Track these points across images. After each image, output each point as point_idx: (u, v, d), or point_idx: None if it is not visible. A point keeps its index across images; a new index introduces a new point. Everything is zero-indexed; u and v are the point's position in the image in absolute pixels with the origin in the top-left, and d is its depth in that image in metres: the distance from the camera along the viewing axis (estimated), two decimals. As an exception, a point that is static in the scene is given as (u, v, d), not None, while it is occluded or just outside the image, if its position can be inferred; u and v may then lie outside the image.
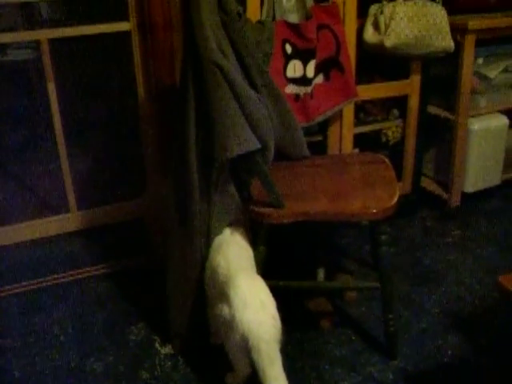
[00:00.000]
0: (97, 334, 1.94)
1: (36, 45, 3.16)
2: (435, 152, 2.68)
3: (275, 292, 1.78)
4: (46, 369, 1.79)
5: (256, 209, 1.63)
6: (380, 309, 1.81)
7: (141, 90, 2.46)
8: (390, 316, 1.73)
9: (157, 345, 1.88)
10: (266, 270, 1.73)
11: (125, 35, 2.41)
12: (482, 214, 2.64)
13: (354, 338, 1.88)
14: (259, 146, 1.54)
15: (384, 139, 2.48)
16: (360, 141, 2.39)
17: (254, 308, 1.49)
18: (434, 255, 2.34)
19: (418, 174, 2.55)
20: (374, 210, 1.60)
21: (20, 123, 3.28)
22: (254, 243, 1.71)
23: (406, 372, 1.73)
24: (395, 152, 2.48)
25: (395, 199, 1.64)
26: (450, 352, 1.81)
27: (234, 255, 1.64)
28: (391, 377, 1.71)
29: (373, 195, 1.68)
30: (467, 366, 1.76)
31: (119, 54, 2.66)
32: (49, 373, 1.77)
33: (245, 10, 1.94)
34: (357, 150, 2.41)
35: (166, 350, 1.85)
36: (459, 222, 2.58)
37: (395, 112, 2.46)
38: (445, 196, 2.60)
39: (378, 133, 2.48)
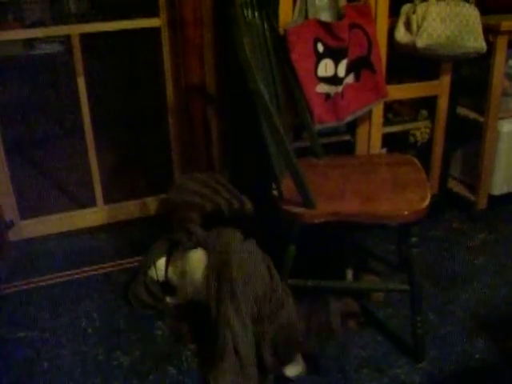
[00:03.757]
0: (123, 329, 1.95)
1: (64, 39, 3.20)
2: (463, 153, 2.65)
3: (303, 291, 1.79)
4: (74, 361, 1.81)
5: (288, 208, 1.64)
6: (407, 310, 1.81)
7: (169, 86, 2.47)
8: (419, 318, 1.72)
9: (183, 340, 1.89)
10: (295, 268, 1.74)
11: (154, 31, 2.42)
12: (509, 217, 2.62)
13: (380, 339, 1.88)
14: None
15: (412, 140, 2.47)
16: (387, 141, 2.38)
17: None
18: (459, 257, 2.33)
19: (445, 175, 2.54)
20: (406, 213, 1.59)
21: (48, 117, 3.32)
22: (285, 242, 1.71)
23: (433, 376, 1.72)
24: (422, 153, 2.46)
25: (427, 202, 1.63)
26: (476, 356, 1.80)
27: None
28: (418, 380, 1.71)
29: (404, 197, 1.67)
30: (494, 370, 1.75)
31: (148, 50, 2.67)
32: (77, 365, 1.79)
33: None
34: (384, 150, 2.40)
35: (193, 345, 1.86)
36: (485, 225, 2.56)
37: (424, 113, 2.45)
38: (471, 198, 2.58)
39: (405, 133, 2.47)
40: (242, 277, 1.72)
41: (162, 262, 2.02)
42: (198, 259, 1.91)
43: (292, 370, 1.70)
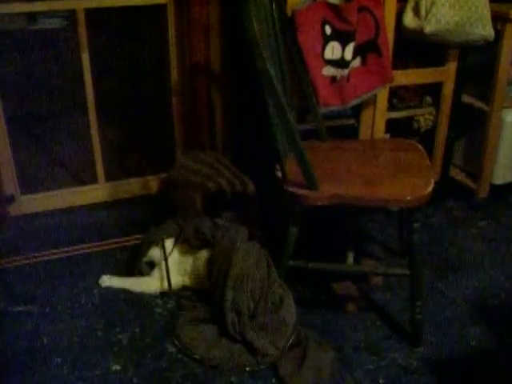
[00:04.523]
0: (122, 306, 1.96)
1: (69, 14, 3.17)
2: (466, 141, 2.65)
3: (303, 273, 1.80)
4: (74, 336, 1.81)
5: (291, 189, 1.63)
6: (405, 295, 1.82)
7: (174, 64, 2.45)
8: (418, 303, 1.73)
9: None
10: (296, 250, 1.74)
11: (160, 8, 2.39)
12: (510, 207, 2.62)
13: (378, 323, 1.89)
14: None
15: (415, 126, 2.46)
16: (391, 126, 2.37)
17: None
18: (459, 245, 2.33)
19: (447, 162, 2.53)
20: (409, 197, 1.60)
21: (51, 92, 3.29)
22: (286, 225, 1.71)
23: (430, 360, 1.74)
24: (426, 139, 2.45)
25: (430, 188, 1.64)
26: (473, 343, 1.81)
27: None
28: (415, 364, 1.72)
29: (408, 182, 1.67)
30: (490, 357, 1.77)
31: (154, 28, 2.64)
32: (76, 341, 1.80)
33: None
34: (387, 136, 2.39)
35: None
36: (486, 214, 2.56)
37: (428, 99, 2.44)
38: (473, 186, 2.58)
39: (409, 119, 2.46)
40: (241, 274, 1.75)
41: (170, 242, 2.03)
42: (202, 258, 1.94)
43: None
